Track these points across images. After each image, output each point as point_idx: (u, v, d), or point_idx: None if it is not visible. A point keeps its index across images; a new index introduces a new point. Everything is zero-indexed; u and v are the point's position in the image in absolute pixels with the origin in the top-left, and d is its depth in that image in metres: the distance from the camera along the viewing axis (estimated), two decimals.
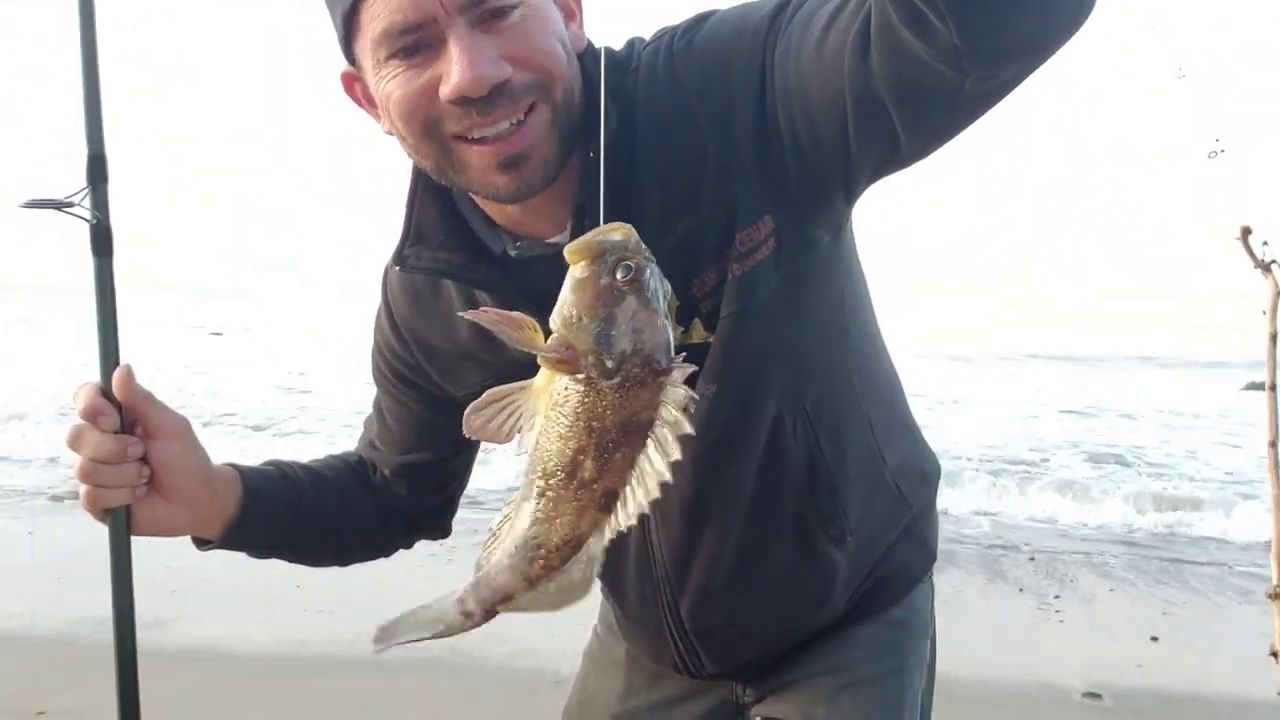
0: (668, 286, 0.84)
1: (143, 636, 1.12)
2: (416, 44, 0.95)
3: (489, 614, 0.91)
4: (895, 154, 0.95)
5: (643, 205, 1.03)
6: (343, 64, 1.05)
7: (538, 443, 0.84)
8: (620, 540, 1.23)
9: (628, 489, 0.84)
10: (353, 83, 1.06)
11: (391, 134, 1.04)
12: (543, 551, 0.87)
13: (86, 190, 0.98)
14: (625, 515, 0.85)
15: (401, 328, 1.23)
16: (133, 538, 1.07)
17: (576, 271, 0.82)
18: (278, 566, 1.31)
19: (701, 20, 1.06)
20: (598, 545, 0.88)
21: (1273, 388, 1.43)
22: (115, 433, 1.01)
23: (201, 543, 1.15)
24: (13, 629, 4.28)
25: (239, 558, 1.23)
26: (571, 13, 1.06)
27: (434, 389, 1.23)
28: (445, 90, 0.94)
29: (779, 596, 1.20)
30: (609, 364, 0.80)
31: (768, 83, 0.98)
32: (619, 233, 0.83)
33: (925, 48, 0.81)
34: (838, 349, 1.15)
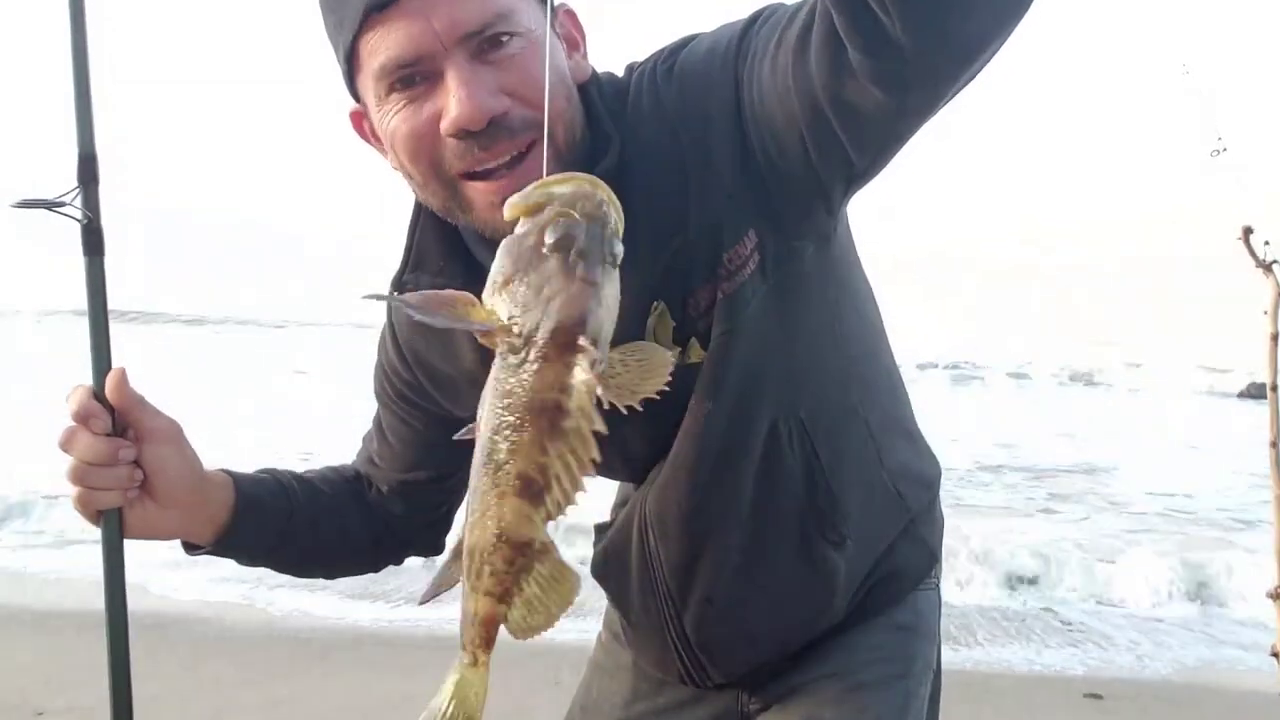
0: (618, 249, 0.75)
1: (140, 635, 1.12)
2: (413, 75, 0.96)
3: (490, 644, 0.82)
4: (852, 168, 0.96)
5: (634, 228, 1.03)
6: (351, 103, 1.06)
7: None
8: (622, 553, 1.23)
9: (550, 477, 0.74)
10: (361, 120, 1.07)
11: (399, 169, 1.04)
12: (481, 557, 0.77)
13: (78, 190, 0.98)
14: (552, 505, 0.76)
15: (405, 349, 1.22)
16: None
17: (513, 230, 0.74)
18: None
19: (685, 43, 1.07)
20: (541, 533, 0.77)
21: (1273, 388, 1.42)
22: (107, 435, 1.01)
23: (192, 547, 1.15)
24: (13, 629, 4.28)
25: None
26: (575, 43, 1.07)
27: (436, 408, 1.22)
28: (445, 124, 0.95)
29: (781, 604, 1.19)
30: (517, 336, 0.72)
31: (743, 100, 0.99)
32: (568, 184, 0.74)
33: (865, 57, 0.81)
34: (833, 356, 1.15)
